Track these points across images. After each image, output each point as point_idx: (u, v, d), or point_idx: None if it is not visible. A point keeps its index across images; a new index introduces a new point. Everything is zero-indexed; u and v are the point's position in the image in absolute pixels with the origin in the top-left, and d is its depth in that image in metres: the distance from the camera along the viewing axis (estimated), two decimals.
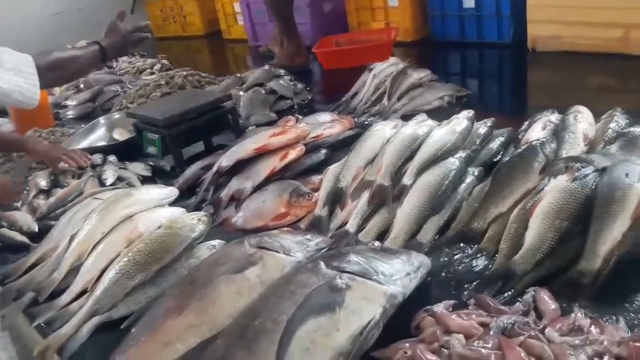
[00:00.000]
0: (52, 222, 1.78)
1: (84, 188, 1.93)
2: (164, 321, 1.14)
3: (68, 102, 3.24)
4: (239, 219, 1.66)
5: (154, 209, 1.55)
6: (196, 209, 1.77)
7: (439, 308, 1.11)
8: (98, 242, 1.45)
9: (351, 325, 1.02)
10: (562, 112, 1.75)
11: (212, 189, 1.83)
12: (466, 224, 1.41)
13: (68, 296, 1.38)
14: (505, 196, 1.41)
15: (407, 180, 1.50)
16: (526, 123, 1.81)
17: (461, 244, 1.37)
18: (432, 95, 2.32)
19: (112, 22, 1.89)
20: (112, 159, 2.16)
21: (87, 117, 3.07)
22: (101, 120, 2.66)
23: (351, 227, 1.48)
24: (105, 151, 2.23)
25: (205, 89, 3.05)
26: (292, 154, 1.81)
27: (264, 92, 2.73)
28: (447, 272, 1.29)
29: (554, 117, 1.75)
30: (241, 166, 1.84)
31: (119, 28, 1.87)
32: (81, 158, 2.10)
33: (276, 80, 2.85)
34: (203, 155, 2.17)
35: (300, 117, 2.31)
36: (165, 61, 4.04)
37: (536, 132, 1.68)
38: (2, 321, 1.41)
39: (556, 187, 1.30)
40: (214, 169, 1.86)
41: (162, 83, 3.05)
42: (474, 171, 1.59)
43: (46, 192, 2.01)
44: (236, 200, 1.75)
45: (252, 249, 1.29)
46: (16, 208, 1.95)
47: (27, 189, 2.03)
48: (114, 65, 4.23)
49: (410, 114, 2.22)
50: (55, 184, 2.04)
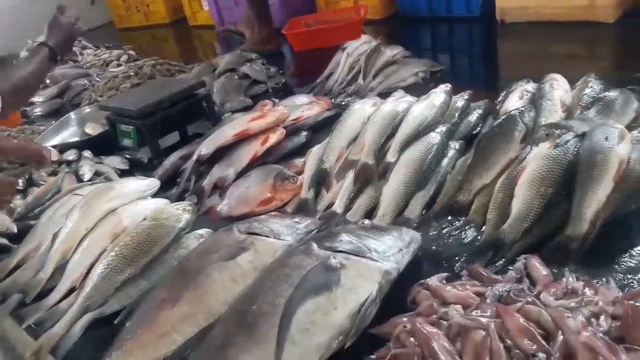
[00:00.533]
0: (32, 222, 1.73)
1: (61, 185, 1.88)
2: (158, 313, 1.12)
3: (35, 99, 3.14)
4: (224, 207, 1.64)
5: (136, 201, 1.53)
6: (179, 199, 1.74)
7: (433, 281, 1.12)
8: (82, 239, 1.42)
9: (349, 303, 1.02)
10: (536, 82, 1.78)
11: (193, 178, 1.80)
12: (452, 197, 1.43)
13: (56, 295, 1.35)
14: (489, 167, 1.43)
15: (390, 157, 1.51)
16: (502, 94, 1.82)
17: (449, 217, 1.39)
18: (407, 72, 2.33)
19: (53, 17, 1.82)
20: (87, 154, 2.11)
21: (56, 113, 2.99)
22: (72, 115, 2.59)
23: (338, 207, 1.48)
24: (79, 147, 2.18)
25: (176, 77, 2.99)
26: (273, 138, 1.80)
27: (237, 77, 2.70)
28: (437, 245, 1.30)
29: (530, 86, 1.77)
30: (222, 153, 1.82)
31: (62, 22, 1.80)
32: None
33: (248, 64, 2.81)
34: (179, 145, 2.14)
35: (276, 100, 2.29)
36: (131, 52, 3.94)
37: (513, 101, 1.70)
38: None
39: (539, 155, 1.32)
40: (194, 157, 1.83)
41: (131, 74, 2.98)
42: (455, 145, 1.60)
43: (22, 192, 1.95)
44: (219, 188, 1.73)
45: (242, 235, 1.28)
46: None
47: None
48: (79, 59, 4.13)
49: (387, 91, 2.23)
50: (30, 183, 1.99)
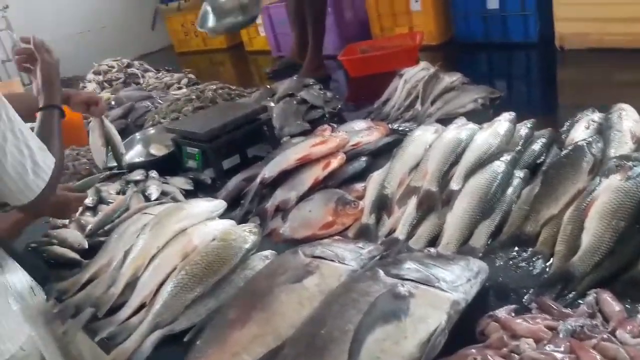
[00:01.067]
0: (102, 239, 1.81)
1: (129, 204, 1.96)
2: (228, 333, 1.15)
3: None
4: (286, 229, 1.68)
5: (205, 221, 1.58)
6: (242, 220, 1.79)
7: (502, 313, 1.11)
8: (154, 256, 1.47)
9: (418, 332, 1.03)
10: (601, 111, 1.75)
11: (256, 200, 1.85)
12: (518, 227, 1.41)
13: (127, 311, 1.41)
14: (557, 198, 1.41)
15: (455, 185, 1.51)
16: (567, 123, 1.79)
17: (515, 248, 1.37)
18: (466, 98, 2.32)
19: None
20: (154, 174, 2.19)
21: (120, 133, 3.11)
22: (137, 136, 2.70)
23: (400, 234, 1.48)
24: (145, 167, 2.27)
25: (236, 101, 3.08)
26: (334, 163, 1.83)
27: (295, 102, 2.75)
28: (504, 276, 1.29)
29: (596, 116, 1.74)
30: (284, 177, 1.86)
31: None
32: None
33: (306, 90, 2.87)
34: (239, 167, 2.20)
35: (335, 125, 2.32)
36: (191, 75, 4.09)
37: (580, 132, 1.67)
38: (64, 338, 1.45)
39: (609, 187, 1.29)
40: (258, 180, 1.88)
41: (193, 97, 3.09)
42: (519, 173, 1.58)
43: (92, 209, 2.05)
44: (281, 210, 1.77)
45: (307, 258, 1.31)
46: (64, 225, 1.99)
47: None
48: (141, 82, 4.32)
49: (445, 117, 2.23)
50: (100, 201, 2.08)
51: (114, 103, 3.49)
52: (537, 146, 1.72)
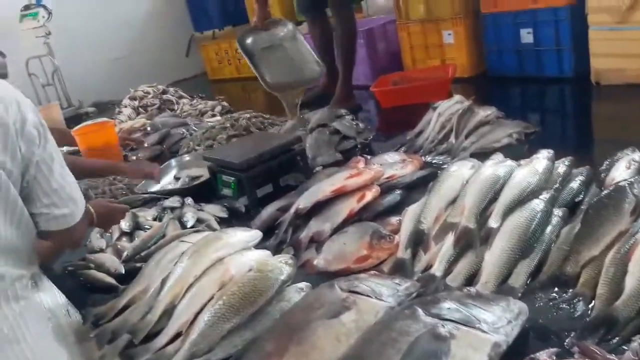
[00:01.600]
0: (138, 264, 1.84)
1: (165, 230, 1.99)
2: None
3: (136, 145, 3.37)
4: (320, 261, 1.68)
5: (242, 251, 1.59)
6: (276, 250, 1.80)
7: (543, 356, 1.09)
8: (191, 285, 1.49)
9: None
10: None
11: (290, 231, 1.86)
12: (558, 267, 1.39)
13: (163, 339, 1.42)
14: (598, 239, 1.39)
15: (493, 222, 1.50)
16: (606, 162, 1.77)
17: (555, 288, 1.35)
18: (501, 133, 2.32)
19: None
20: (190, 201, 2.23)
21: (156, 159, 3.19)
22: (172, 162, 2.76)
23: (437, 270, 1.47)
24: (181, 193, 2.31)
25: (269, 130, 3.13)
26: (369, 196, 1.83)
27: (328, 132, 2.78)
28: (545, 318, 1.26)
29: (637, 155, 1.73)
30: (318, 207, 1.87)
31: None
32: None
33: (339, 120, 2.89)
34: (272, 196, 2.23)
35: (368, 157, 2.34)
36: (225, 103, 4.17)
37: (620, 171, 1.66)
38: None
39: None
40: (292, 210, 1.90)
41: (228, 125, 3.15)
42: (558, 212, 1.57)
43: (129, 235, 2.08)
44: (315, 241, 1.78)
45: (344, 293, 1.31)
46: (101, 250, 2.03)
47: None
48: (176, 108, 4.41)
49: (479, 152, 2.23)
50: (136, 226, 2.12)
51: (149, 129, 3.57)
52: (576, 184, 1.70)
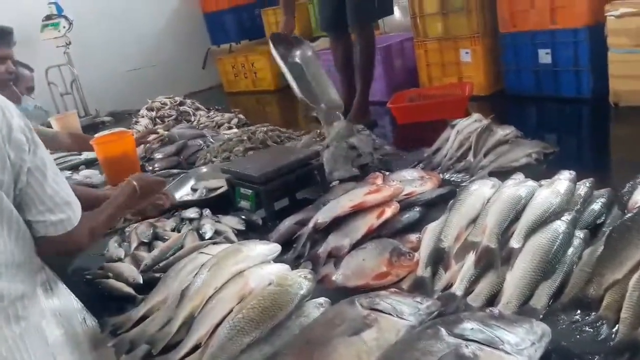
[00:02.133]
0: (157, 275, 1.85)
1: (184, 241, 2.00)
2: None
3: (154, 155, 3.40)
4: (339, 277, 1.67)
5: (261, 264, 1.59)
6: (293, 264, 1.80)
7: None
8: (210, 297, 1.49)
9: None
10: None
11: (308, 245, 1.86)
12: (581, 290, 1.38)
13: (182, 350, 1.41)
14: (621, 262, 1.37)
15: (515, 243, 1.49)
16: (629, 184, 1.76)
17: (578, 311, 1.34)
18: (520, 152, 2.31)
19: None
20: (207, 212, 2.24)
21: (172, 169, 3.21)
22: (190, 173, 2.78)
23: (458, 289, 1.46)
24: (199, 205, 2.32)
25: (286, 144, 3.14)
26: (388, 212, 1.83)
27: (345, 147, 2.78)
28: (567, 341, 1.25)
29: None
30: (336, 223, 1.87)
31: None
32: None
33: (356, 135, 2.90)
34: (288, 209, 2.24)
35: (386, 173, 2.34)
36: (241, 116, 4.21)
37: None
38: None
39: None
40: (310, 225, 1.90)
41: (245, 138, 3.17)
42: (580, 234, 1.56)
43: (147, 245, 2.09)
44: (334, 257, 1.77)
45: (365, 310, 1.30)
46: (119, 259, 2.04)
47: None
48: (192, 119, 4.45)
49: (498, 171, 2.22)
50: (155, 237, 2.13)
51: (167, 139, 3.60)
52: (597, 206, 1.69)
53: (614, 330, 1.25)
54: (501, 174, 2.04)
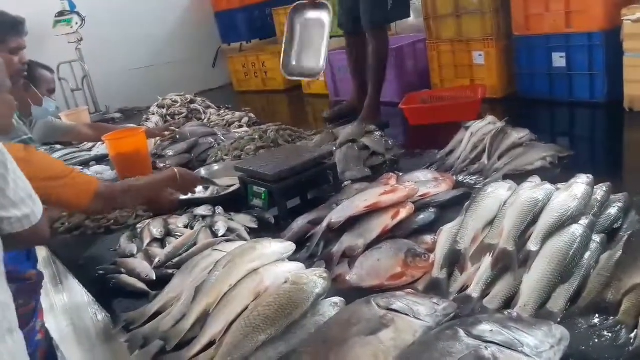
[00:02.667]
0: (170, 271, 1.85)
1: (196, 239, 2.00)
2: None
3: (166, 152, 3.41)
4: (353, 276, 1.67)
5: (276, 263, 1.59)
6: (306, 263, 1.79)
7: None
8: (225, 294, 1.49)
9: None
10: None
11: (322, 244, 1.86)
12: (599, 294, 1.37)
13: (196, 347, 1.41)
14: None
15: (533, 246, 1.48)
16: None
17: (596, 315, 1.33)
18: (535, 156, 2.30)
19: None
20: (220, 210, 2.24)
21: (183, 167, 3.21)
22: (202, 171, 2.78)
23: (474, 292, 1.46)
24: (211, 202, 2.32)
25: (297, 143, 3.14)
26: (403, 213, 1.82)
27: (357, 148, 2.78)
28: (586, 345, 1.24)
29: None
30: (350, 222, 1.87)
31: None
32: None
33: (368, 136, 2.90)
34: (300, 208, 2.23)
35: (399, 174, 2.33)
36: (251, 115, 4.21)
37: None
38: None
39: None
40: (324, 224, 1.89)
41: (256, 137, 3.17)
42: (597, 238, 1.54)
43: (159, 241, 2.10)
44: (347, 256, 1.77)
45: (381, 310, 1.30)
46: (132, 255, 2.04)
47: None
48: (203, 117, 4.46)
49: (512, 173, 2.21)
50: (167, 233, 2.13)
51: (178, 137, 3.61)
52: (614, 210, 1.68)
53: (632, 336, 1.24)
54: (515, 177, 2.03)
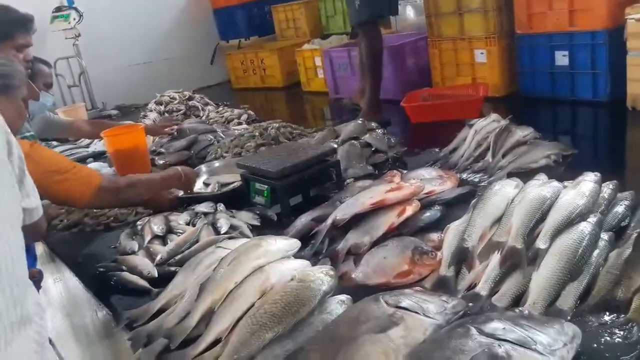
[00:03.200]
0: (172, 269, 1.83)
1: (199, 236, 1.98)
2: None
3: (165, 148, 3.38)
4: (359, 274, 1.65)
5: (281, 260, 1.57)
6: (311, 260, 1.77)
7: None
8: (231, 291, 1.47)
9: None
10: None
11: (327, 241, 1.84)
12: (609, 292, 1.36)
13: (201, 345, 1.39)
14: None
15: (541, 244, 1.46)
16: None
17: (606, 313, 1.31)
18: (539, 154, 2.28)
19: None
20: (222, 207, 2.21)
21: (183, 164, 3.17)
22: (203, 168, 2.76)
23: (483, 289, 1.44)
24: (213, 199, 2.30)
25: (298, 141, 3.12)
26: (409, 210, 1.80)
27: (359, 145, 2.76)
28: (597, 343, 1.23)
29: None
30: (355, 220, 1.85)
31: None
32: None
33: (370, 133, 2.88)
34: (302, 205, 2.21)
35: (404, 171, 2.31)
36: (250, 112, 4.18)
37: None
38: None
39: None
40: (329, 221, 1.87)
41: (256, 134, 3.14)
42: (605, 236, 1.53)
43: (161, 238, 2.07)
44: (353, 254, 1.75)
45: (390, 308, 1.28)
46: (133, 252, 2.02)
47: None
48: (201, 114, 4.43)
49: (516, 172, 2.20)
50: (169, 230, 2.11)
51: (176, 134, 3.58)
52: (621, 208, 1.67)
53: None
54: (520, 175, 2.01)
